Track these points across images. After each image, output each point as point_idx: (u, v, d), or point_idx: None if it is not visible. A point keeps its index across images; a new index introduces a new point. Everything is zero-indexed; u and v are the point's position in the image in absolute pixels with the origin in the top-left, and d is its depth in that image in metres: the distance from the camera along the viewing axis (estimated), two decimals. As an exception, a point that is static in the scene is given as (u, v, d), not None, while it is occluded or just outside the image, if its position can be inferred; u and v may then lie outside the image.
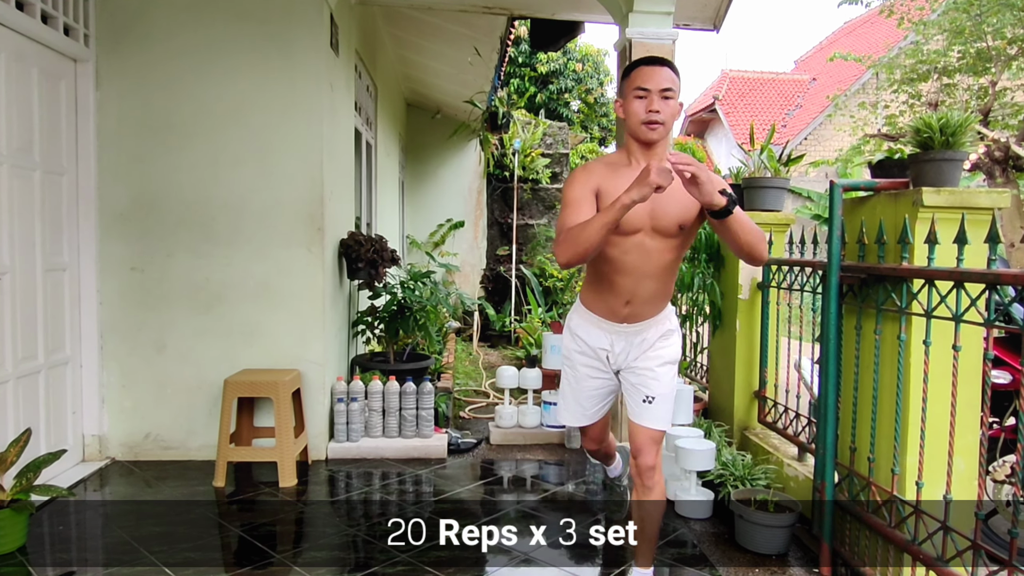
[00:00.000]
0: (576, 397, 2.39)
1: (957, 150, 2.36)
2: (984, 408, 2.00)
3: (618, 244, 2.10)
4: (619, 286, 2.16)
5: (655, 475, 2.24)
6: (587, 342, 2.30)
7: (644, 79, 2.03)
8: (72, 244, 3.53)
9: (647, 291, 2.16)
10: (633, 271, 2.12)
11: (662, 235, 2.09)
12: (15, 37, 3.05)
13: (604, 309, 2.23)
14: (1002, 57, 7.56)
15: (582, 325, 2.31)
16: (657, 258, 2.12)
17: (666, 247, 2.12)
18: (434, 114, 8.74)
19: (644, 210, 2.03)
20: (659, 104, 2.01)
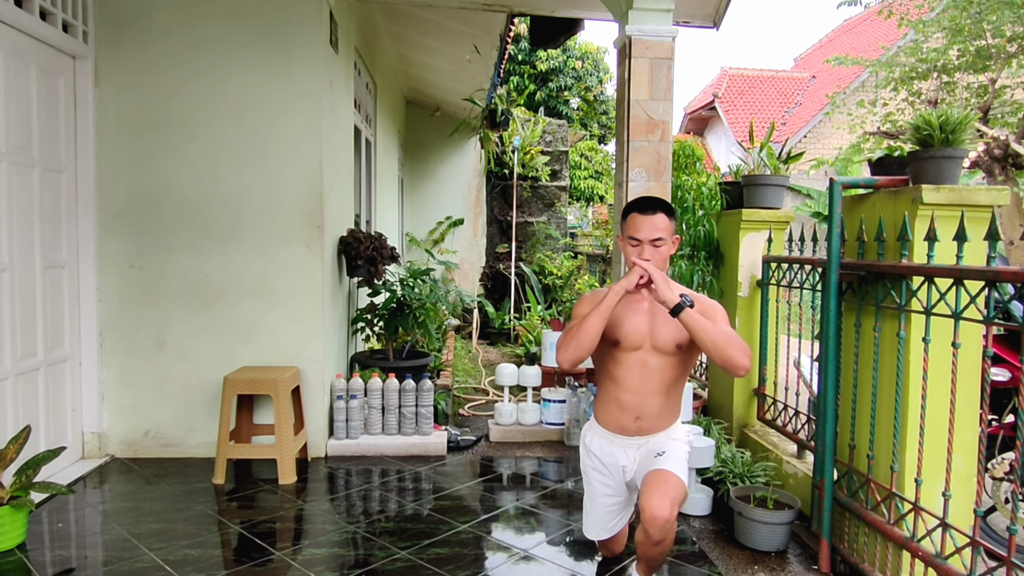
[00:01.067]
0: (594, 511, 2.43)
1: (957, 148, 2.36)
2: (983, 405, 2.01)
3: (622, 362, 2.28)
4: (626, 403, 2.29)
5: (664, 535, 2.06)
6: (601, 459, 2.37)
7: (636, 229, 2.22)
8: (71, 241, 3.52)
9: (653, 407, 2.29)
10: (638, 388, 2.27)
11: (661, 353, 2.25)
12: (14, 34, 3.04)
13: (615, 425, 2.34)
14: (1001, 55, 7.56)
15: (595, 441, 2.39)
16: (660, 376, 2.27)
17: (667, 365, 2.26)
18: (433, 112, 8.74)
19: (644, 329, 2.25)
20: (649, 252, 2.19)
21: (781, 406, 3.40)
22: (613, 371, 2.31)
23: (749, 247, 3.78)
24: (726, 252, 3.98)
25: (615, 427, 2.34)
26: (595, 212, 13.94)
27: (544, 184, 9.25)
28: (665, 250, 2.23)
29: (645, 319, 2.26)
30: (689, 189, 4.22)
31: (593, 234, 10.86)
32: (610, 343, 2.28)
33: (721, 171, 7.80)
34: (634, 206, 2.27)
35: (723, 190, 4.05)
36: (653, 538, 2.07)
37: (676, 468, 2.16)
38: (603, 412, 2.37)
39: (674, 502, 2.06)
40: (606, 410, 2.36)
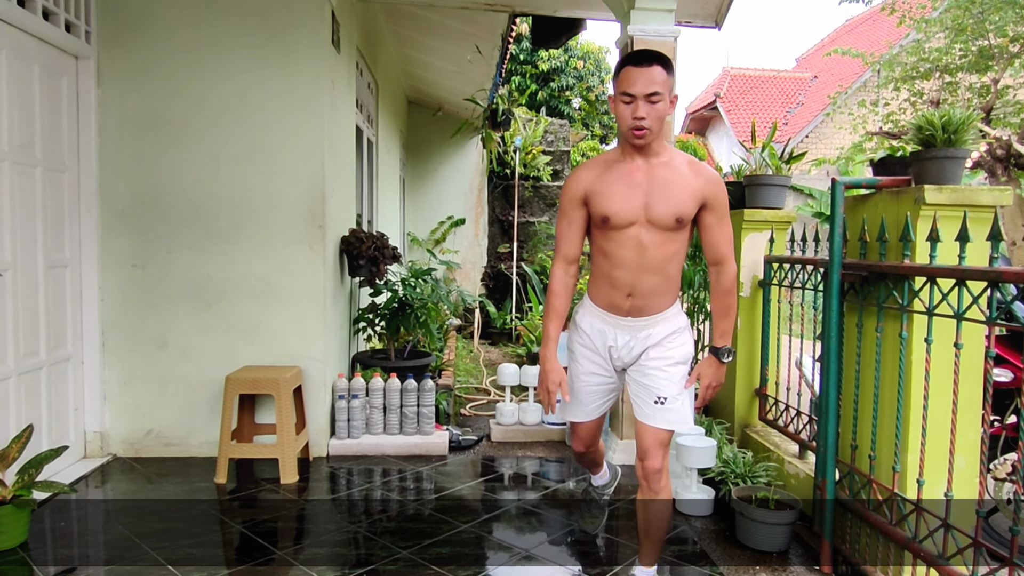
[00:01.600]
0: (576, 391, 2.35)
1: (959, 148, 2.35)
2: (985, 406, 2.00)
3: (614, 238, 2.12)
4: (618, 280, 2.16)
5: (662, 479, 2.21)
6: (591, 336, 2.28)
7: (630, 83, 2.00)
8: (73, 241, 3.53)
9: (647, 285, 2.15)
10: (631, 265, 2.13)
11: (658, 228, 2.09)
12: (16, 33, 3.05)
13: (607, 302, 2.22)
14: (1004, 55, 7.55)
15: (586, 318, 2.30)
16: (654, 252, 2.11)
17: (663, 240, 2.10)
18: (435, 111, 8.74)
19: (638, 202, 2.07)
20: (645, 110, 2.00)
21: (783, 406, 3.40)
22: (605, 247, 2.17)
23: (751, 247, 3.78)
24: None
25: (607, 304, 2.22)
26: (597, 212, 13.94)
27: (546, 184, 9.25)
28: (662, 107, 2.02)
29: (640, 192, 2.08)
30: (691, 189, 4.21)
31: (595, 234, 10.84)
32: (599, 220, 2.13)
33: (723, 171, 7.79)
34: (628, 59, 2.04)
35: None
36: (651, 486, 2.20)
37: (673, 422, 2.22)
38: (595, 289, 2.26)
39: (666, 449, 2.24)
40: (598, 287, 2.24)
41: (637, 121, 2.01)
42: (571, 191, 2.17)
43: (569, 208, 2.18)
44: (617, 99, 2.05)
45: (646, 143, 2.06)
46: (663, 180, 2.08)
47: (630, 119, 2.02)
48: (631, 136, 2.05)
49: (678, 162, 2.14)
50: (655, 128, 2.03)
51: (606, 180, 2.11)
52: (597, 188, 2.12)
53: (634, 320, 2.21)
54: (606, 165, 2.15)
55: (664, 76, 2.01)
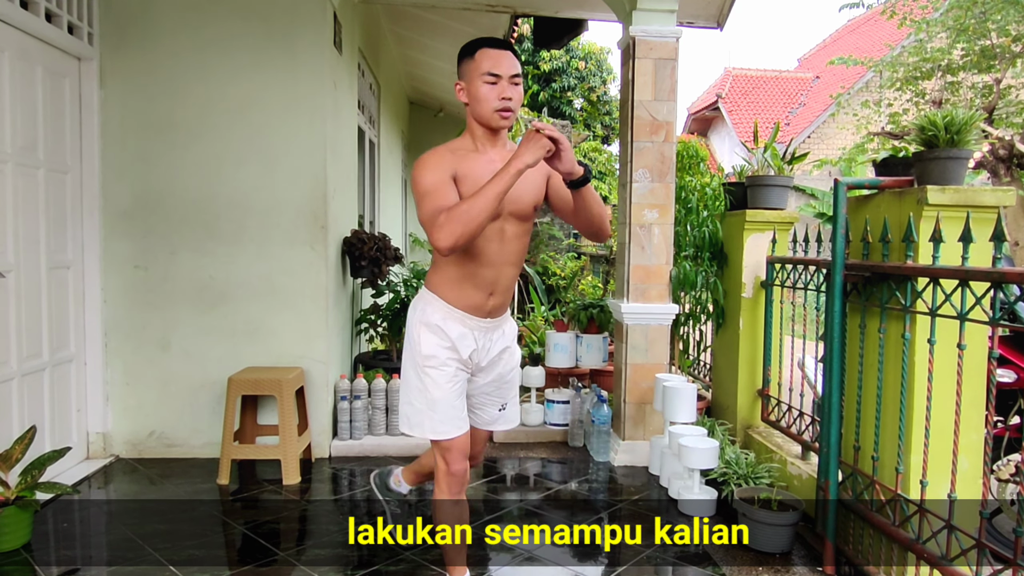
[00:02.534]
0: (451, 402, 2.06)
1: (962, 148, 2.35)
2: (989, 407, 2.00)
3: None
4: (482, 277, 2.02)
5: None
6: (453, 339, 2.05)
7: (495, 64, 1.90)
8: (76, 242, 3.54)
9: (507, 280, 2.06)
10: (495, 260, 2.01)
11: (518, 219, 2.02)
12: (19, 35, 3.05)
13: (469, 304, 2.05)
14: (1007, 54, 7.54)
15: (447, 320, 2.05)
16: (514, 244, 2.04)
17: (522, 231, 2.05)
18: (437, 112, 8.74)
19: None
20: (511, 91, 1.91)
21: (785, 407, 3.39)
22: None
23: (753, 248, 3.77)
24: (730, 253, 3.97)
25: (469, 306, 2.04)
26: (598, 213, 13.93)
27: (547, 185, 9.24)
28: (521, 90, 1.94)
29: None
30: (693, 190, 4.22)
31: (596, 235, 10.83)
32: None
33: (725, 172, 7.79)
34: (481, 42, 1.95)
35: (727, 191, 4.04)
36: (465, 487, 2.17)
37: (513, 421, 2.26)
38: (453, 290, 2.04)
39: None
40: (458, 288, 2.03)
41: (505, 102, 1.91)
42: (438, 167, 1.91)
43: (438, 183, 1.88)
44: (476, 79, 1.91)
45: (510, 126, 1.98)
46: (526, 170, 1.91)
47: (496, 100, 1.91)
48: (496, 118, 1.93)
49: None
50: (516, 111, 1.95)
51: (471, 167, 1.93)
52: (464, 172, 1.93)
53: (492, 320, 2.10)
54: (459, 153, 1.97)
55: (519, 62, 1.96)
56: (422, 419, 2.07)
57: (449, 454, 2.08)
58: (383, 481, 2.61)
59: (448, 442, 2.06)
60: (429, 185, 1.88)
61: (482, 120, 1.96)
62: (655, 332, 3.79)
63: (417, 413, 2.08)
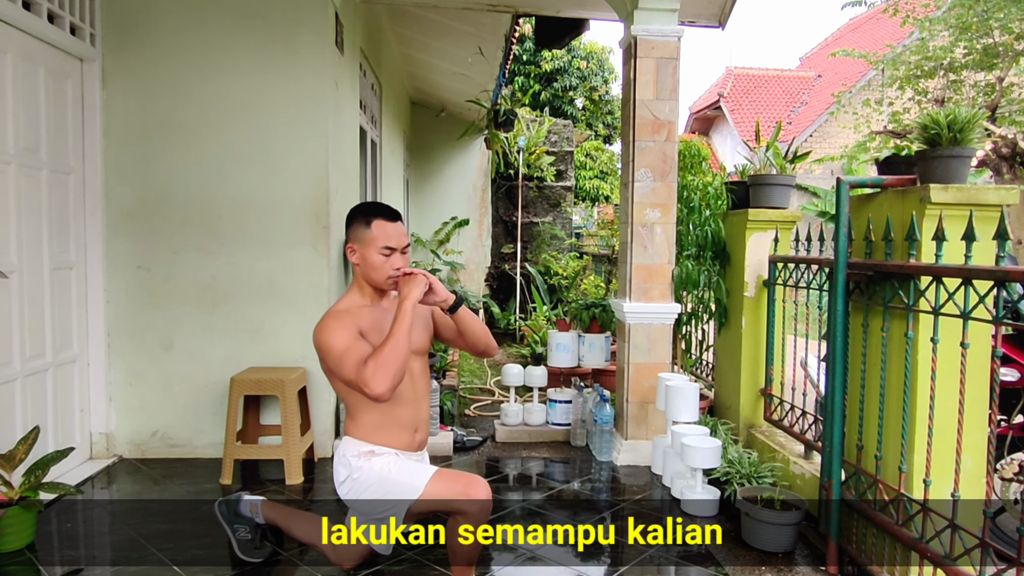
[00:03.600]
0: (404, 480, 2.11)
1: (965, 147, 2.35)
2: (992, 406, 1.99)
3: None
4: (405, 417, 2.19)
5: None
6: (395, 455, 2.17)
7: (389, 238, 2.13)
8: (79, 243, 3.54)
9: (425, 412, 2.28)
10: (410, 396, 2.20)
11: (419, 355, 2.25)
12: (22, 36, 3.06)
13: (400, 444, 2.19)
14: (1009, 52, 7.52)
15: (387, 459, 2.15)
16: (422, 379, 2.26)
17: (423, 366, 2.28)
18: (438, 112, 8.75)
19: None
20: (400, 261, 2.16)
21: (788, 406, 3.39)
22: None
23: (755, 247, 3.77)
24: (732, 252, 3.97)
25: (399, 445, 2.19)
26: (600, 212, 13.94)
27: (549, 184, 9.25)
28: (408, 257, 2.22)
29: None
30: (695, 189, 4.22)
31: (598, 234, 10.83)
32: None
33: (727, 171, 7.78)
34: (375, 211, 2.16)
35: (729, 190, 4.04)
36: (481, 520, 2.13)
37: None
38: (383, 435, 2.16)
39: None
40: (386, 432, 2.17)
41: (396, 272, 2.15)
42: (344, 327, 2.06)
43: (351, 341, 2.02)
44: (371, 250, 2.13)
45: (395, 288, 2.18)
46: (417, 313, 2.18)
47: (390, 269, 2.14)
48: (388, 284, 2.16)
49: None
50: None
51: (370, 323, 2.13)
52: (367, 327, 2.11)
53: (420, 453, 2.31)
54: (356, 312, 2.15)
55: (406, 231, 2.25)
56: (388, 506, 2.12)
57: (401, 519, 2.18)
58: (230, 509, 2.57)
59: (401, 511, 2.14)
60: (343, 347, 2.02)
61: (374, 284, 2.19)
62: (657, 331, 3.79)
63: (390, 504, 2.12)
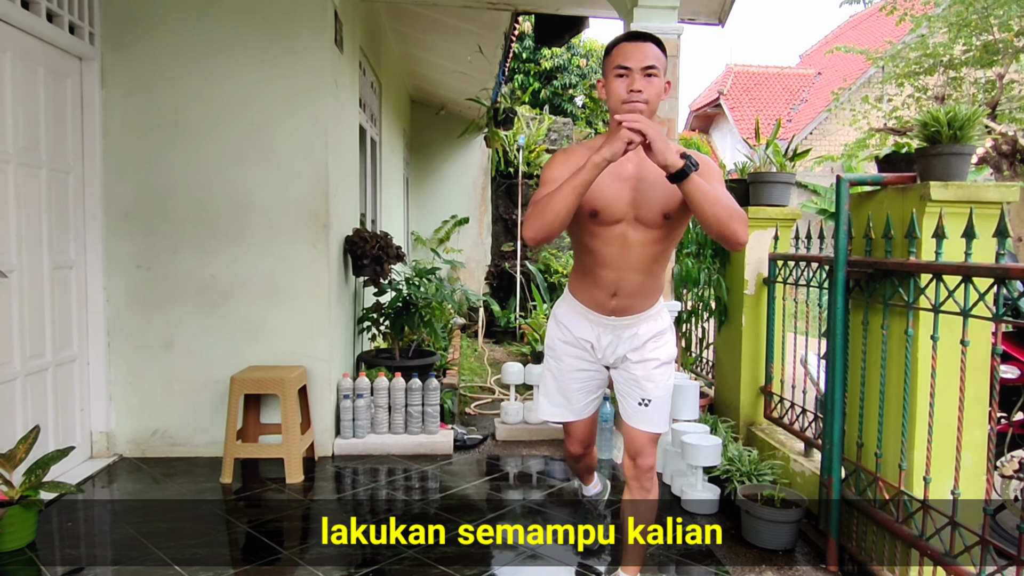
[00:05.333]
0: (562, 389, 2.24)
1: (965, 144, 2.34)
2: (992, 403, 1.99)
3: (599, 235, 2.00)
4: (603, 279, 2.05)
5: (653, 476, 2.19)
6: (572, 331, 2.19)
7: (625, 56, 1.88)
8: (79, 242, 3.54)
9: (632, 284, 2.05)
10: (616, 264, 2.02)
11: (646, 225, 1.98)
12: (21, 36, 3.05)
13: (591, 300, 2.13)
14: (1009, 49, 7.52)
15: (568, 314, 2.19)
16: (641, 251, 2.01)
17: (650, 239, 2.00)
18: (438, 110, 8.74)
19: (626, 199, 1.95)
20: (641, 83, 1.86)
21: (788, 404, 3.39)
22: (589, 244, 2.03)
23: (755, 245, 3.77)
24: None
25: (591, 302, 2.12)
26: (600, 210, 13.92)
27: (549, 182, 9.22)
28: (658, 84, 1.89)
29: (628, 186, 1.95)
30: (695, 187, 4.20)
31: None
32: (586, 214, 1.97)
33: (727, 168, 7.77)
34: (621, 37, 1.95)
35: (729, 188, 4.03)
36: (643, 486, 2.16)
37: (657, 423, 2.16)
38: (579, 286, 2.15)
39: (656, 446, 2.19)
40: (582, 285, 2.13)
41: (633, 94, 1.86)
42: (563, 163, 1.95)
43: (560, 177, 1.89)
44: (609, 75, 1.90)
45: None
46: (653, 173, 1.89)
47: (624, 92, 1.88)
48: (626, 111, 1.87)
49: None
50: (652, 103, 1.89)
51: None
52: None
53: (618, 319, 2.13)
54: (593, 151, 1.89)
55: (659, 54, 1.89)
56: (539, 400, 2.33)
57: (566, 436, 2.39)
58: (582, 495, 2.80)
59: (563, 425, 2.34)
60: (545, 179, 1.96)
61: (615, 114, 1.89)
62: (657, 329, 3.78)
63: (542, 393, 2.32)
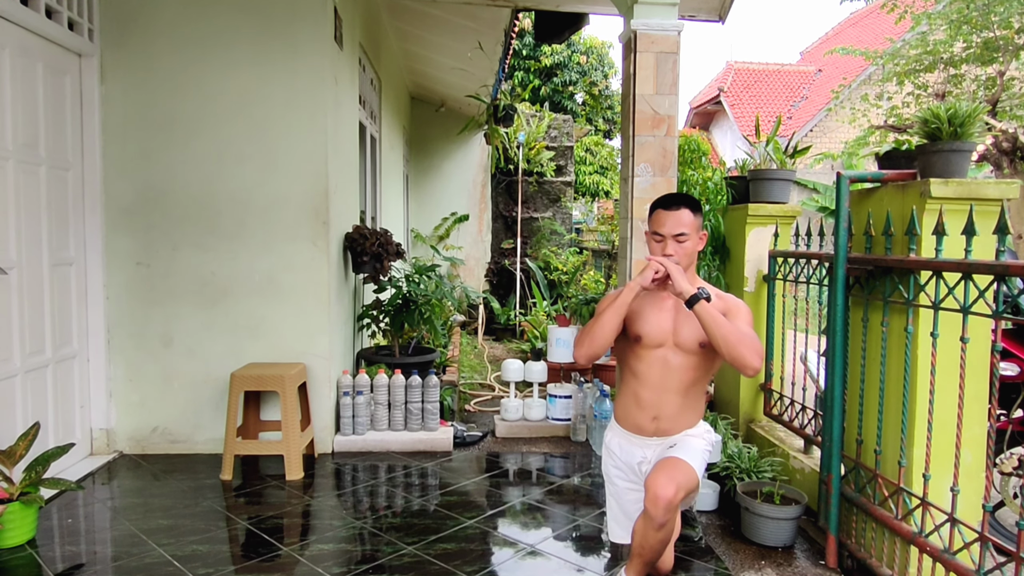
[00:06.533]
0: (624, 510, 2.38)
1: (965, 141, 2.34)
2: (992, 400, 1.99)
3: (643, 357, 2.27)
4: (643, 400, 2.27)
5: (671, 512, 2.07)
6: (621, 457, 2.35)
7: (659, 224, 2.25)
8: (78, 239, 3.54)
9: (672, 406, 2.26)
10: (656, 385, 2.25)
11: (684, 351, 2.23)
12: (20, 32, 3.05)
13: (633, 424, 2.32)
14: (1010, 46, 7.51)
15: (615, 440, 2.38)
16: (680, 375, 2.24)
17: (689, 364, 2.23)
18: (438, 107, 8.73)
19: (668, 325, 2.24)
20: (673, 248, 2.22)
21: (788, 401, 3.39)
22: (634, 366, 2.29)
23: (755, 242, 3.77)
24: (732, 247, 3.97)
25: (633, 426, 2.32)
26: (600, 207, 13.91)
27: (549, 180, 9.23)
28: (690, 245, 2.24)
29: (669, 316, 2.25)
30: (695, 184, 4.21)
31: (598, 229, 10.83)
32: (632, 339, 2.27)
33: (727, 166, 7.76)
34: (659, 203, 2.29)
35: (729, 185, 4.03)
36: (655, 520, 2.05)
37: (687, 456, 2.16)
38: (622, 409, 2.36)
39: (680, 486, 2.06)
40: (625, 406, 2.35)
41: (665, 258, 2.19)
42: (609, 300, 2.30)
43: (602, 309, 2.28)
44: (649, 237, 2.29)
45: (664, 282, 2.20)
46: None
47: (659, 256, 2.22)
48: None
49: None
50: (683, 262, 2.22)
51: (641, 303, 2.27)
52: (636, 307, 2.27)
53: (659, 439, 2.30)
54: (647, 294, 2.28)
55: (691, 218, 2.23)
56: (611, 526, 2.44)
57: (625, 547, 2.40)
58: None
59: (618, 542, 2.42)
60: (598, 312, 2.29)
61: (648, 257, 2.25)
62: (657, 327, 3.78)
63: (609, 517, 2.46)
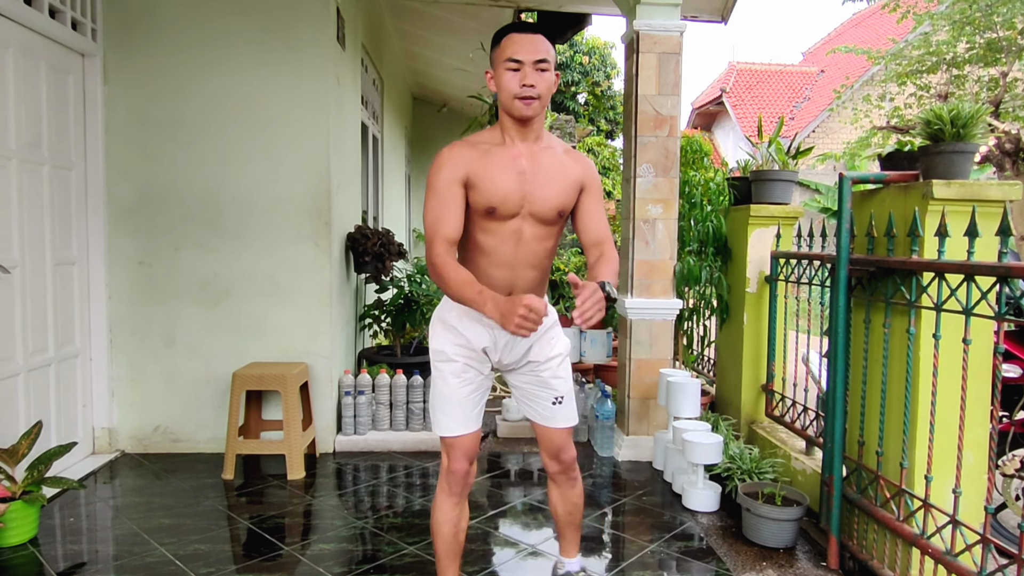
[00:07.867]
0: (458, 400, 2.02)
1: (968, 142, 2.33)
2: (994, 402, 1.99)
3: (494, 231, 1.93)
4: (497, 279, 1.96)
5: (576, 465, 2.21)
6: (467, 336, 2.02)
7: (516, 49, 1.84)
8: (81, 238, 3.54)
9: (527, 282, 2.00)
10: (511, 262, 1.96)
11: (540, 222, 1.95)
12: (23, 32, 3.05)
13: None
14: (1013, 47, 7.49)
15: (461, 319, 2.01)
16: (535, 246, 1.97)
17: (544, 234, 1.97)
18: (440, 108, 8.74)
19: (520, 194, 1.91)
20: (534, 77, 1.84)
21: (789, 402, 3.39)
22: (483, 242, 1.95)
23: (757, 243, 3.76)
24: (734, 248, 3.96)
25: None
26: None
27: (551, 180, 9.22)
28: (549, 77, 1.87)
29: (522, 181, 1.91)
30: (697, 184, 4.21)
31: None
32: (482, 211, 1.91)
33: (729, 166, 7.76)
34: (509, 28, 1.90)
35: (731, 185, 4.03)
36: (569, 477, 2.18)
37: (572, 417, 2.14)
38: None
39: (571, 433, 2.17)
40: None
41: (526, 89, 1.84)
42: (450, 168, 1.88)
43: (446, 187, 1.87)
44: (500, 67, 1.87)
45: (533, 115, 1.89)
46: (546, 169, 1.93)
47: (517, 87, 1.85)
48: (517, 106, 1.87)
49: (557, 149, 2.01)
50: (543, 98, 1.88)
51: (489, 165, 1.89)
52: (480, 172, 1.89)
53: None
54: (482, 149, 1.92)
55: (549, 47, 1.87)
56: (433, 413, 2.07)
57: (451, 451, 2.04)
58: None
59: (451, 439, 2.02)
60: (437, 184, 1.88)
61: (506, 108, 1.91)
62: (659, 327, 3.79)
63: (431, 408, 2.08)
